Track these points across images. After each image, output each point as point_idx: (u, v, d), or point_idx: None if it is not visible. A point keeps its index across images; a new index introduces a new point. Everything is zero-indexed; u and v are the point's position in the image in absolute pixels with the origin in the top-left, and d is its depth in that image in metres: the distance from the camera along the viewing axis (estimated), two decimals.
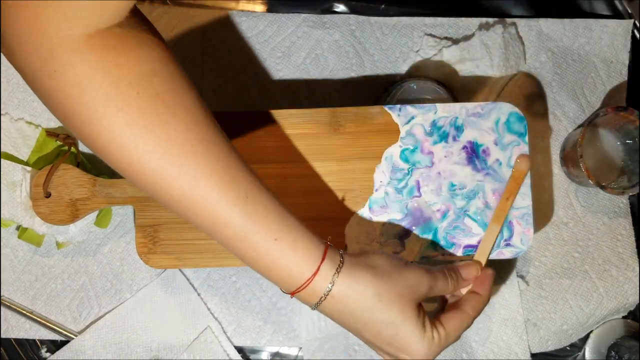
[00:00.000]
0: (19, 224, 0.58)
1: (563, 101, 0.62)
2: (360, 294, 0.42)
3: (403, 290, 0.42)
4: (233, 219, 0.40)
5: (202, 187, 0.39)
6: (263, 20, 0.62)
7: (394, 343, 0.42)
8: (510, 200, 0.51)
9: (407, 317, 0.42)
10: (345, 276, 0.42)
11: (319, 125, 0.53)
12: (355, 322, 0.43)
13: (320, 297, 0.42)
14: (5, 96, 0.61)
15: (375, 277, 0.42)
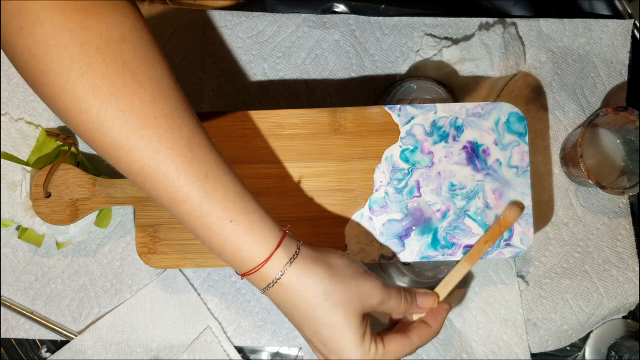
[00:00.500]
0: (19, 224, 0.58)
1: (563, 101, 0.62)
2: (308, 288, 0.41)
3: (352, 296, 0.42)
4: (190, 196, 0.40)
5: (162, 161, 0.39)
6: (263, 20, 0.62)
7: (329, 345, 0.42)
8: (489, 245, 0.50)
9: (349, 323, 0.42)
10: (297, 268, 0.41)
11: (319, 125, 0.53)
12: (297, 315, 0.42)
13: (269, 283, 0.41)
14: (5, 96, 0.61)
15: (328, 275, 0.42)
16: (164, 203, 0.41)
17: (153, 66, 0.39)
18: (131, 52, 0.38)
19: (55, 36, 0.36)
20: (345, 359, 0.42)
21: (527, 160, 0.52)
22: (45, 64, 0.36)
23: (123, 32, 0.38)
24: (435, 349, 0.58)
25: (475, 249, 0.50)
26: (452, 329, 0.59)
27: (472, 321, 0.59)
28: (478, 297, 0.59)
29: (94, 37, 0.37)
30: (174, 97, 0.40)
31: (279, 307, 0.43)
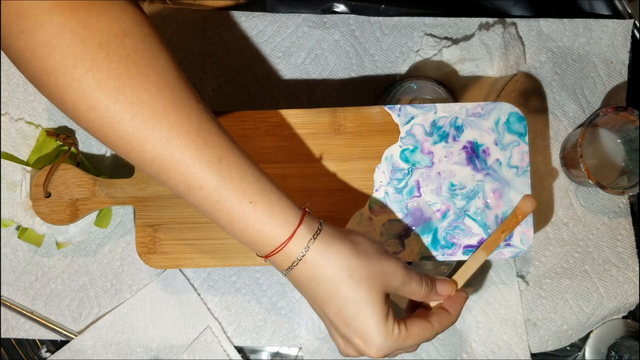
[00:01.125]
0: (19, 224, 0.58)
1: (563, 101, 0.62)
2: (333, 264, 0.41)
3: (376, 274, 0.42)
4: (207, 181, 0.40)
5: (175, 150, 0.39)
6: (263, 20, 0.62)
7: (353, 323, 0.42)
8: (505, 234, 0.50)
9: (373, 301, 0.41)
10: (321, 244, 0.41)
11: (319, 125, 0.53)
12: (321, 293, 0.42)
13: (293, 261, 0.41)
14: (5, 96, 0.61)
15: (352, 252, 0.42)
16: (180, 192, 0.41)
17: (156, 57, 0.39)
18: (133, 45, 0.38)
19: (57, 36, 0.36)
20: (369, 338, 0.41)
21: (527, 160, 0.52)
22: (49, 64, 0.36)
23: (123, 26, 0.38)
24: (435, 349, 0.58)
25: (492, 238, 0.50)
26: (452, 329, 0.59)
27: (472, 321, 0.59)
28: (478, 297, 0.59)
29: (95, 33, 0.37)
30: (179, 85, 0.40)
31: (301, 289, 0.43)
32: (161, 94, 0.39)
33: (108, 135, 0.39)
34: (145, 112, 0.38)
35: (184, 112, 0.39)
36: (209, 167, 0.40)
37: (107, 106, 0.37)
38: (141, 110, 0.38)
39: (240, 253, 0.53)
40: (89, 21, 0.37)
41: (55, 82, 0.37)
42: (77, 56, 0.36)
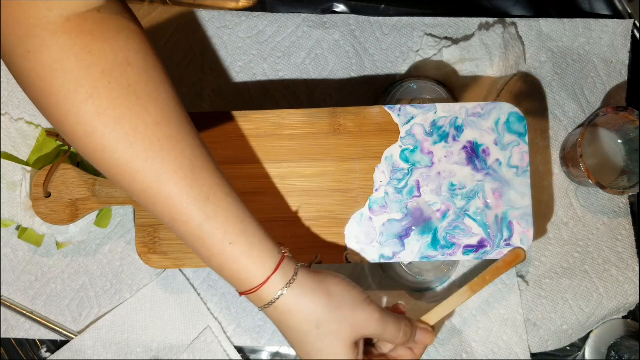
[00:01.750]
0: (19, 224, 0.58)
1: (563, 101, 0.62)
2: (302, 314, 0.42)
3: (345, 327, 0.43)
4: (192, 217, 0.41)
5: (165, 184, 0.40)
6: (263, 20, 0.62)
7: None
8: (492, 279, 0.50)
9: (339, 352, 0.43)
10: (294, 293, 0.42)
11: (319, 125, 0.53)
12: (291, 337, 0.44)
13: (266, 304, 0.43)
14: (5, 96, 0.61)
15: (322, 305, 0.43)
16: (165, 222, 0.42)
17: (157, 89, 0.40)
18: (136, 75, 0.38)
19: (61, 60, 0.36)
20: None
21: (527, 160, 0.52)
22: (52, 87, 0.37)
23: (128, 55, 0.38)
24: (435, 349, 0.58)
25: (478, 281, 0.50)
26: (452, 329, 0.59)
27: (472, 321, 0.59)
28: (478, 297, 0.59)
29: (100, 60, 0.37)
30: (177, 120, 0.40)
31: (275, 325, 0.45)
32: (158, 128, 0.39)
33: (102, 162, 0.39)
34: (141, 144, 0.38)
35: (178, 147, 0.40)
36: (196, 204, 0.40)
37: (103, 134, 0.38)
38: (137, 142, 0.38)
39: None
40: (95, 47, 0.37)
41: (57, 105, 0.37)
42: (79, 82, 0.36)
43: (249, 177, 0.53)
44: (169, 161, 0.39)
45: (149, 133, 0.39)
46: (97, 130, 0.38)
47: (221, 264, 0.42)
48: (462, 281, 0.59)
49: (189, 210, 0.40)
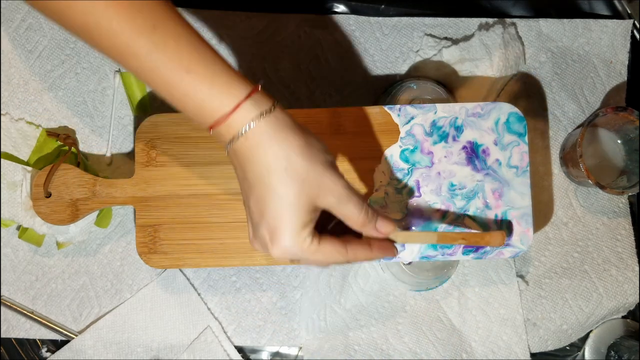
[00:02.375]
0: (19, 224, 0.58)
1: (563, 101, 0.62)
2: (273, 149, 0.39)
3: (313, 181, 0.39)
4: (138, 49, 0.38)
5: (101, 16, 0.37)
6: (263, 20, 0.62)
7: (267, 216, 0.40)
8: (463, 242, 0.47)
9: (298, 203, 0.39)
10: (269, 126, 0.39)
11: (319, 125, 0.53)
12: (252, 176, 0.40)
13: (235, 135, 0.39)
14: (5, 96, 0.61)
15: (299, 147, 0.39)
16: (114, 59, 0.40)
17: None
18: None
19: None
20: (277, 236, 0.40)
21: (527, 160, 0.52)
22: None
23: None
24: (435, 348, 0.58)
25: (451, 236, 0.47)
26: (452, 328, 0.59)
27: (471, 321, 0.59)
28: (478, 297, 0.59)
29: None
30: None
31: (237, 167, 0.41)
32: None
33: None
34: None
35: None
36: (140, 34, 0.38)
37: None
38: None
39: (240, 253, 0.53)
40: None
41: None
42: None
43: None
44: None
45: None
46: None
47: (182, 96, 0.39)
48: (462, 281, 0.59)
49: (133, 42, 0.38)
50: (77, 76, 0.61)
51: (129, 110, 0.61)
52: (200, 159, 0.53)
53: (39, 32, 0.62)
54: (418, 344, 0.58)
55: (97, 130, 0.61)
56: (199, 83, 0.39)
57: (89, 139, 0.61)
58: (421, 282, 0.57)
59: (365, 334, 0.59)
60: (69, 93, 0.61)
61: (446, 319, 0.59)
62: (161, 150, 0.54)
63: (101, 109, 0.61)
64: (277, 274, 0.59)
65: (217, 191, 0.53)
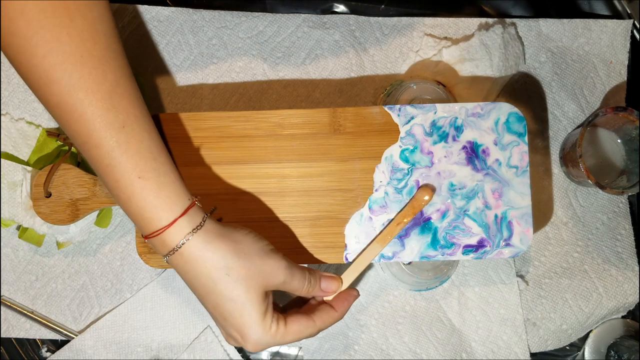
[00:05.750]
0: (19, 224, 0.58)
1: (562, 101, 0.62)
2: (209, 261, 0.41)
3: (255, 274, 0.42)
4: (103, 142, 0.40)
5: (79, 102, 0.39)
6: (263, 20, 0.62)
7: (230, 319, 0.42)
8: (401, 226, 0.50)
9: (251, 299, 0.42)
10: (200, 239, 0.41)
11: (319, 125, 0.53)
12: (199, 287, 0.42)
13: (170, 250, 0.41)
14: (5, 96, 0.61)
15: (231, 251, 0.42)
16: (77, 144, 0.41)
17: (90, 7, 0.39)
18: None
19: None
20: (245, 334, 0.42)
21: (527, 160, 0.52)
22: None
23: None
24: (435, 348, 0.58)
25: (387, 231, 0.50)
26: (452, 328, 0.59)
27: (471, 321, 0.59)
28: (478, 297, 0.59)
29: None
30: (105, 42, 0.40)
31: (182, 277, 0.43)
32: (82, 43, 0.38)
33: (21, 65, 0.39)
34: (61, 55, 0.38)
35: (100, 68, 0.39)
36: (109, 129, 0.39)
37: (25, 35, 0.37)
38: (57, 51, 0.38)
39: None
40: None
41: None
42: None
43: (249, 177, 0.53)
44: (87, 79, 0.38)
45: (72, 46, 0.38)
46: (20, 29, 0.37)
47: (128, 199, 0.41)
48: (462, 281, 0.59)
49: (100, 134, 0.39)
50: None
51: None
52: (200, 158, 0.53)
53: None
54: (418, 344, 0.58)
55: None
56: (146, 191, 0.41)
57: None
58: (421, 282, 0.57)
59: (365, 334, 0.59)
60: None
61: (446, 319, 0.59)
62: None
63: None
64: None
65: (217, 191, 0.53)
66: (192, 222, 0.42)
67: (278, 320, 0.43)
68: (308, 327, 0.44)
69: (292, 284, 0.44)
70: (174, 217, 0.41)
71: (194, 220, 0.42)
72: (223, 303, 0.42)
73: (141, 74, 0.61)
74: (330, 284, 0.47)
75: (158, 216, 0.41)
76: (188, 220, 0.42)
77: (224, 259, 0.42)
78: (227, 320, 0.42)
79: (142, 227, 0.42)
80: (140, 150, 0.41)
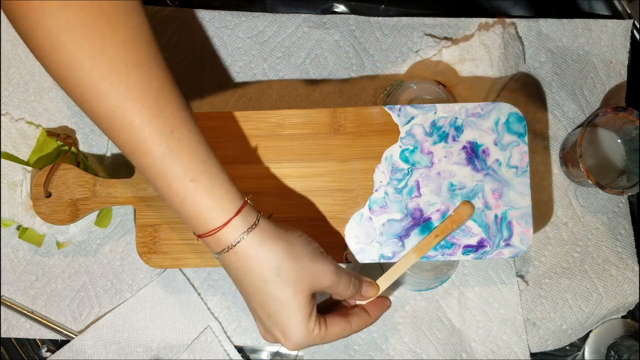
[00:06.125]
0: (19, 224, 0.58)
1: (562, 101, 0.62)
2: (262, 261, 0.42)
3: (304, 276, 0.43)
4: (153, 149, 0.40)
5: (128, 111, 0.39)
6: (263, 20, 0.62)
7: (274, 318, 0.43)
8: (439, 239, 0.51)
9: (298, 301, 0.43)
10: (254, 238, 0.42)
11: (319, 125, 0.53)
12: (247, 285, 0.43)
13: (224, 248, 0.42)
14: (5, 96, 0.61)
15: (284, 252, 0.42)
16: (126, 152, 0.41)
17: (129, 15, 0.39)
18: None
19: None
20: (288, 334, 0.43)
21: (527, 160, 0.52)
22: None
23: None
24: (435, 348, 0.58)
25: (425, 242, 0.51)
26: (452, 328, 0.59)
27: (471, 321, 0.59)
28: (478, 297, 0.59)
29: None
30: (147, 49, 0.40)
31: (230, 274, 0.44)
32: (126, 53, 0.38)
33: (66, 80, 0.39)
34: (107, 67, 0.38)
35: (145, 76, 0.39)
36: (159, 136, 0.40)
37: (70, 50, 0.37)
38: (103, 63, 0.38)
39: None
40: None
41: (26, 16, 0.37)
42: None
43: (249, 177, 0.53)
44: (134, 88, 0.39)
45: (116, 57, 0.38)
46: (64, 45, 0.37)
47: (181, 203, 0.41)
48: (462, 281, 0.59)
49: (150, 142, 0.40)
50: None
51: None
52: None
53: None
54: (418, 344, 0.58)
55: (97, 130, 0.61)
56: (199, 193, 0.41)
57: (89, 139, 0.61)
58: (421, 282, 0.57)
59: (365, 334, 0.59)
60: None
61: (446, 319, 0.59)
62: None
63: None
64: None
65: None
66: (246, 221, 0.42)
67: (320, 323, 0.44)
68: (345, 330, 0.46)
69: (339, 287, 0.45)
70: (228, 217, 0.42)
71: (247, 220, 0.42)
72: (270, 302, 0.43)
73: None
74: (369, 289, 0.48)
75: (212, 216, 0.42)
76: (242, 220, 0.42)
77: (276, 259, 0.42)
78: (271, 318, 0.43)
79: (195, 227, 0.43)
80: (191, 154, 0.41)
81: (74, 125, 0.61)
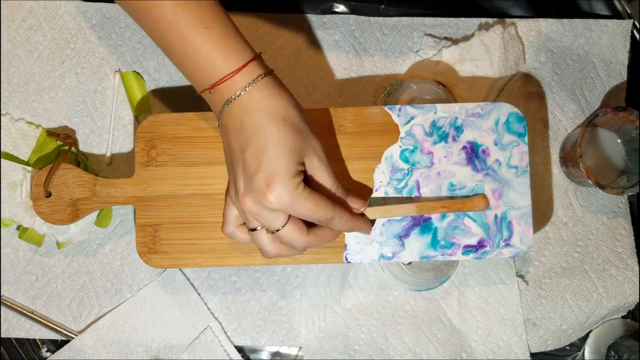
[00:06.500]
0: (19, 224, 0.58)
1: (562, 101, 0.62)
2: (274, 102, 0.42)
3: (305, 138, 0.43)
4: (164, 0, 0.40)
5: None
6: (263, 20, 0.62)
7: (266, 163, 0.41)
8: (444, 210, 0.51)
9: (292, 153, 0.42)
10: (269, 83, 0.42)
11: (319, 125, 0.53)
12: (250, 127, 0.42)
13: (237, 91, 0.42)
14: (5, 96, 0.61)
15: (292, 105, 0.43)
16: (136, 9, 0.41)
17: None
18: None
19: None
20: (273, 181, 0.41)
21: (527, 160, 0.52)
22: None
23: None
24: (435, 348, 0.58)
25: (430, 204, 0.51)
26: (452, 328, 0.59)
27: (471, 321, 0.59)
28: (478, 297, 0.59)
29: None
30: None
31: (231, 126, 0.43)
32: None
33: None
34: None
35: None
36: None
37: None
38: None
39: (240, 253, 0.53)
40: None
41: None
42: None
43: None
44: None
45: None
46: None
47: (195, 51, 0.41)
48: (462, 281, 0.59)
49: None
50: (77, 76, 0.61)
51: (129, 110, 0.61)
52: (200, 158, 0.53)
53: (39, 32, 0.62)
54: (418, 344, 0.58)
55: (97, 130, 0.61)
56: (214, 40, 0.41)
57: (89, 139, 0.61)
58: (421, 282, 0.57)
59: (365, 334, 0.59)
60: (69, 93, 0.61)
61: (446, 319, 0.59)
62: (161, 150, 0.54)
63: (101, 109, 0.61)
64: (277, 274, 0.60)
65: (217, 191, 0.53)
66: (260, 69, 0.43)
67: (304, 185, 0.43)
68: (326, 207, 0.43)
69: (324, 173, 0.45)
70: (244, 61, 0.42)
71: (261, 68, 0.43)
72: (269, 144, 0.41)
73: (142, 73, 0.61)
74: (355, 202, 0.47)
75: (227, 61, 0.42)
76: (256, 66, 0.42)
77: (286, 105, 0.42)
78: (261, 164, 0.41)
79: (208, 77, 0.42)
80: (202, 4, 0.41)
81: (74, 125, 0.61)
